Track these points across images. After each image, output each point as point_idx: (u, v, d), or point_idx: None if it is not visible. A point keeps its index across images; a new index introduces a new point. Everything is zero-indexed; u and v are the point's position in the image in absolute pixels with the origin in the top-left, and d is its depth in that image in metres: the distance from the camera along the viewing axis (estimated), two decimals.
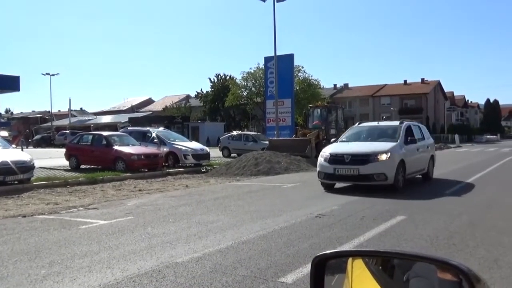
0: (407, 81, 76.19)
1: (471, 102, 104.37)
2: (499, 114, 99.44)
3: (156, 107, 79.44)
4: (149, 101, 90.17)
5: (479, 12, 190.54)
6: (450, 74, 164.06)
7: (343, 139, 11.86)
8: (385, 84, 76.73)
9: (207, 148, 20.36)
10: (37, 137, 54.85)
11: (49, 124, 63.68)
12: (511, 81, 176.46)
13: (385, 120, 28.49)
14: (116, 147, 16.36)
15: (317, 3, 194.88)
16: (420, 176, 12.48)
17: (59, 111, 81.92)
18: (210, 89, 65.84)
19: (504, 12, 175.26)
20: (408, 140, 11.08)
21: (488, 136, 71.66)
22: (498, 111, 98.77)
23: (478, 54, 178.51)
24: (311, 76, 48.58)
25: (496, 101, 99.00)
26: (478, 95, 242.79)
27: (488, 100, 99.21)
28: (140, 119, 54.94)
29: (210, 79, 65.90)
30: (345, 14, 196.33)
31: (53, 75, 56.36)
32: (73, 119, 66.54)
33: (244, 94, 51.41)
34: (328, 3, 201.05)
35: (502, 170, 16.63)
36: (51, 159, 20.80)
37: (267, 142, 23.02)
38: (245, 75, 49.98)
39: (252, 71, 48.93)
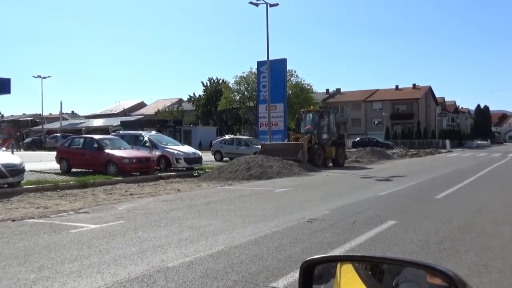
0: (399, 86, 76.65)
1: (462, 107, 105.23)
2: (489, 119, 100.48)
3: (148, 110, 79.26)
4: (141, 105, 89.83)
5: (471, 19, 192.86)
6: (441, 80, 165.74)
7: None
8: (377, 89, 77.16)
9: (199, 152, 20.31)
10: (27, 140, 54.27)
11: (40, 127, 63.18)
12: (501, 87, 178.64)
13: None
14: (107, 151, 16.23)
15: (310, 9, 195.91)
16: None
17: (50, 114, 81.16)
18: (203, 93, 65.75)
19: (496, 20, 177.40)
20: None
21: (478, 142, 72.33)
22: (488, 116, 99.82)
23: (469, 60, 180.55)
24: (303, 81, 48.77)
25: (486, 107, 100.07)
26: (468, 100, 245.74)
27: (478, 106, 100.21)
28: (132, 122, 54.65)
29: (202, 83, 65.90)
30: (338, 19, 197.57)
31: (44, 77, 55.95)
32: (65, 122, 66.04)
33: (237, 98, 51.39)
34: (321, 8, 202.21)
35: (493, 175, 16.77)
36: (42, 162, 20.59)
37: (259, 146, 23.05)
38: (237, 79, 49.99)
39: (245, 75, 48.97)
